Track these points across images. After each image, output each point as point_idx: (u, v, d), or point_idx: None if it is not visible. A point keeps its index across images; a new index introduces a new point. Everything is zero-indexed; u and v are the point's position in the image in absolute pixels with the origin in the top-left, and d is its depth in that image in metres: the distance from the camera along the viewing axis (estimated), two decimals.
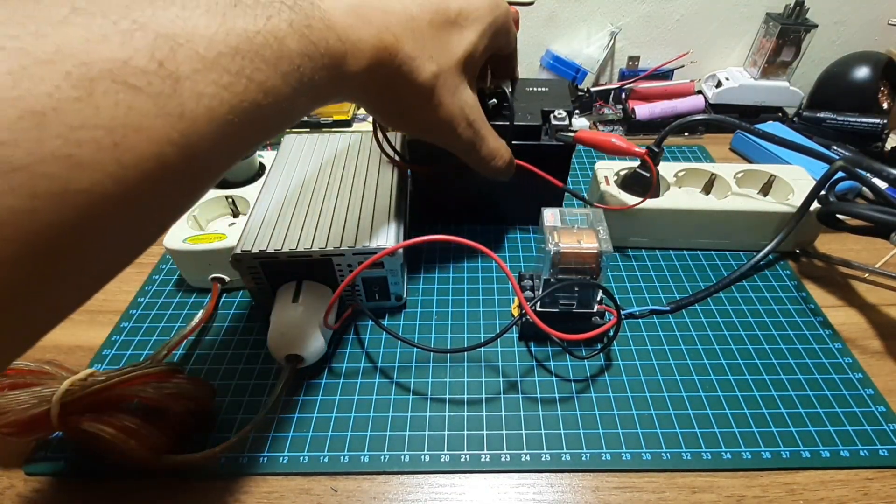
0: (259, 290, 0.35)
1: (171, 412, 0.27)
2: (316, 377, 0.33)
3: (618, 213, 0.39)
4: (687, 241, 0.42)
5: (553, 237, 0.31)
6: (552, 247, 0.30)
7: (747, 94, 0.59)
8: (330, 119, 0.56)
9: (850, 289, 0.39)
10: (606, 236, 0.31)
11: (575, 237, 0.31)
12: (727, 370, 0.33)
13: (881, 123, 0.53)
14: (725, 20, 0.62)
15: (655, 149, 0.37)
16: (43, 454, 0.29)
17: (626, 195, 0.40)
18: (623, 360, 0.34)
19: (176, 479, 0.28)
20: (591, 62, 0.62)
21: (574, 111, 0.40)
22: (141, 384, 0.27)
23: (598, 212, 0.33)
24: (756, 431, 0.30)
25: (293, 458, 0.29)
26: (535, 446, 0.29)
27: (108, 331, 0.36)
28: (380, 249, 0.32)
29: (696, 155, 0.55)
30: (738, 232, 0.41)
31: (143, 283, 0.40)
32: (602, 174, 0.42)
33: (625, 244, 0.42)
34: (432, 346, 0.35)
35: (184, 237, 0.36)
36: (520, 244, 0.43)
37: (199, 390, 0.29)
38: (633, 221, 0.40)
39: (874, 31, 0.63)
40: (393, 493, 0.27)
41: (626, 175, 0.41)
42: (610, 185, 0.41)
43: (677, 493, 0.27)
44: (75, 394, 0.26)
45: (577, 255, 0.30)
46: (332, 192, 0.37)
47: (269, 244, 0.32)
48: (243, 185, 0.41)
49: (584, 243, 0.30)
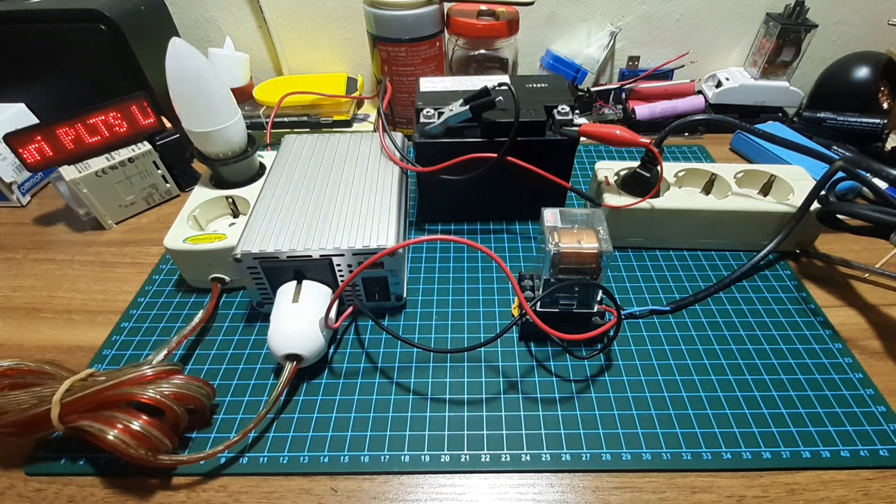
0: (259, 290, 0.35)
1: (171, 412, 0.27)
2: (316, 377, 0.33)
3: (618, 213, 0.39)
4: (687, 241, 0.42)
5: (553, 237, 0.31)
6: (552, 247, 0.30)
7: (747, 94, 0.59)
8: (330, 119, 0.56)
9: (850, 289, 0.39)
10: (606, 236, 0.31)
11: (575, 237, 0.31)
12: (727, 370, 0.33)
13: (881, 123, 0.53)
14: (725, 20, 0.62)
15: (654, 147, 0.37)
16: (43, 454, 0.29)
17: (626, 195, 0.40)
18: (623, 360, 0.34)
19: (176, 479, 0.28)
20: (592, 62, 0.62)
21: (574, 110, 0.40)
22: (140, 384, 0.27)
23: (599, 212, 0.33)
24: (756, 431, 0.30)
25: (293, 458, 0.29)
26: (535, 446, 0.29)
27: (108, 331, 0.36)
28: (380, 249, 0.32)
29: (697, 155, 0.55)
30: (739, 232, 0.41)
31: (143, 283, 0.40)
32: (602, 174, 0.42)
33: (625, 244, 0.42)
34: (432, 346, 0.35)
35: (184, 237, 0.36)
36: (520, 244, 0.43)
37: (198, 390, 0.29)
38: (634, 221, 0.40)
39: (874, 31, 0.63)
40: (393, 493, 0.27)
41: (626, 175, 0.41)
42: (610, 185, 0.41)
43: (677, 494, 0.27)
44: (75, 394, 0.26)
45: (578, 255, 0.30)
46: (332, 192, 0.37)
47: (269, 244, 0.32)
48: (243, 185, 0.41)
49: (585, 243, 0.30)
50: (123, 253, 0.44)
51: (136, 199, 0.47)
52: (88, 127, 0.43)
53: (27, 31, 0.48)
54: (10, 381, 0.28)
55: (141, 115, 0.45)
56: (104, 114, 0.44)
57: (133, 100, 0.45)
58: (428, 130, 0.39)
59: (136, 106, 0.45)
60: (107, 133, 0.44)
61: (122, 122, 0.44)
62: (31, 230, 0.47)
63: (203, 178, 0.42)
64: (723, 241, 0.42)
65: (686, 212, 0.40)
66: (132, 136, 0.45)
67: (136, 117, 0.45)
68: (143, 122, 0.46)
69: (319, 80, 0.58)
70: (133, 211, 0.48)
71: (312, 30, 0.63)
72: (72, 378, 0.27)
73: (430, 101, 0.41)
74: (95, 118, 0.43)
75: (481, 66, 0.56)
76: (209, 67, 0.36)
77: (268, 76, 0.66)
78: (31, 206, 0.50)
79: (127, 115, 0.45)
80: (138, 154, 0.46)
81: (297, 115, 0.56)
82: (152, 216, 0.48)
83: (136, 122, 0.45)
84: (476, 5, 0.53)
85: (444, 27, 0.54)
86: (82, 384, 0.27)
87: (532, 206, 0.43)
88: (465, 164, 0.39)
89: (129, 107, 0.45)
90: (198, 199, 0.40)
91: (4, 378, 0.28)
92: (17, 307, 0.39)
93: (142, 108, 0.45)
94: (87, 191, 0.43)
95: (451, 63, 0.57)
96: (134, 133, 0.45)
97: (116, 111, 0.44)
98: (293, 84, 0.57)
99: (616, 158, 0.54)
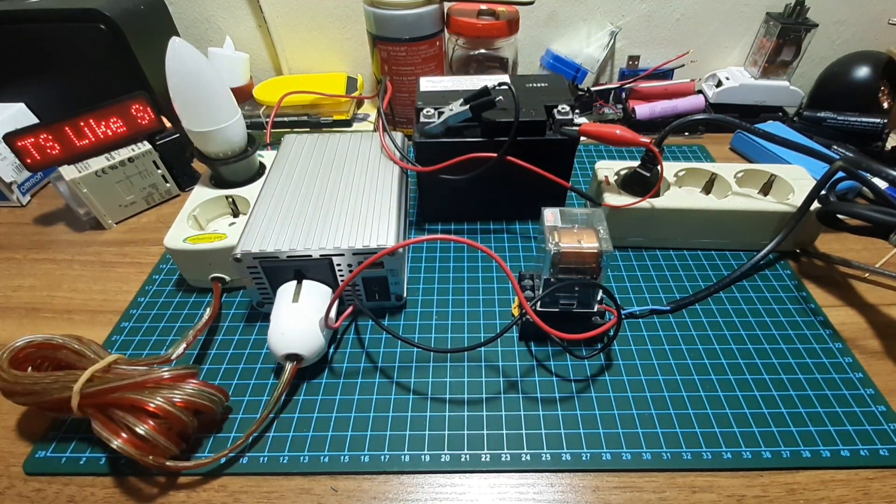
0: (259, 290, 0.35)
1: (179, 422, 0.27)
2: (316, 377, 0.33)
3: (618, 213, 0.39)
4: (687, 241, 0.42)
5: (553, 237, 0.31)
6: (552, 247, 0.30)
7: (747, 93, 0.59)
8: (330, 119, 0.56)
9: (850, 288, 0.39)
10: (607, 236, 0.31)
11: (575, 237, 0.31)
12: (727, 370, 0.33)
13: (881, 123, 0.53)
14: (725, 20, 0.62)
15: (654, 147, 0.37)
16: (44, 454, 0.29)
17: (626, 195, 0.40)
18: (623, 359, 0.34)
19: (176, 478, 0.28)
20: (592, 62, 0.62)
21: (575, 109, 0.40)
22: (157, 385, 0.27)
23: (599, 211, 0.33)
24: (756, 431, 0.30)
25: (293, 457, 0.29)
26: (535, 446, 0.29)
27: (109, 330, 0.36)
28: (380, 249, 0.32)
29: (697, 154, 0.55)
30: (739, 232, 0.41)
31: (143, 283, 0.40)
32: (602, 173, 0.42)
33: (625, 244, 0.42)
34: (432, 345, 0.35)
35: (184, 237, 0.36)
36: (520, 244, 0.43)
37: (210, 397, 0.29)
38: (634, 221, 0.40)
39: (874, 30, 0.63)
40: (393, 492, 0.27)
41: (627, 174, 0.41)
42: (610, 185, 0.41)
43: (677, 493, 0.27)
44: (95, 386, 0.27)
45: (578, 254, 0.30)
46: (332, 192, 0.37)
47: (269, 244, 0.32)
48: (243, 185, 0.41)
49: (585, 243, 0.30)
50: (123, 253, 0.44)
51: (136, 199, 0.47)
52: (88, 127, 0.43)
53: (27, 31, 0.48)
54: (41, 354, 0.29)
55: (141, 115, 0.45)
56: (104, 113, 0.44)
57: (133, 100, 0.45)
58: (428, 130, 0.39)
59: (136, 106, 0.45)
60: (107, 133, 0.44)
61: (122, 122, 0.44)
62: (31, 230, 0.47)
63: (203, 177, 0.42)
64: (723, 240, 0.42)
65: (686, 211, 0.40)
66: (132, 136, 0.45)
67: (136, 117, 0.45)
68: (143, 122, 0.46)
69: (319, 80, 0.58)
70: (133, 211, 0.48)
71: (312, 29, 0.63)
72: (93, 368, 0.27)
73: (430, 101, 0.41)
74: (95, 118, 0.43)
75: (481, 66, 0.56)
76: (209, 67, 0.36)
77: (268, 76, 0.66)
78: (31, 205, 0.50)
79: (127, 114, 0.45)
80: (138, 154, 0.46)
81: (297, 114, 0.56)
82: (152, 216, 0.48)
83: (136, 122, 0.45)
84: (476, 5, 0.53)
85: (444, 27, 0.54)
86: (102, 376, 0.27)
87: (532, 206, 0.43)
88: (465, 164, 0.39)
89: (129, 107, 0.45)
90: (198, 198, 0.40)
91: (35, 350, 0.29)
92: (17, 307, 0.39)
93: (142, 107, 0.45)
94: (87, 190, 0.43)
95: (451, 63, 0.57)
96: (134, 133, 0.45)
97: (116, 111, 0.44)
98: (293, 84, 0.57)
99: (616, 158, 0.54)
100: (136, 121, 0.45)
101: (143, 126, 0.46)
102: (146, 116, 0.46)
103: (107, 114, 0.44)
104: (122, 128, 0.45)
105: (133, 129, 0.45)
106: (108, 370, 0.28)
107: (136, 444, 0.26)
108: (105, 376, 0.27)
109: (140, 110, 0.45)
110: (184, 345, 0.31)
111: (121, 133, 0.45)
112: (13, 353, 0.28)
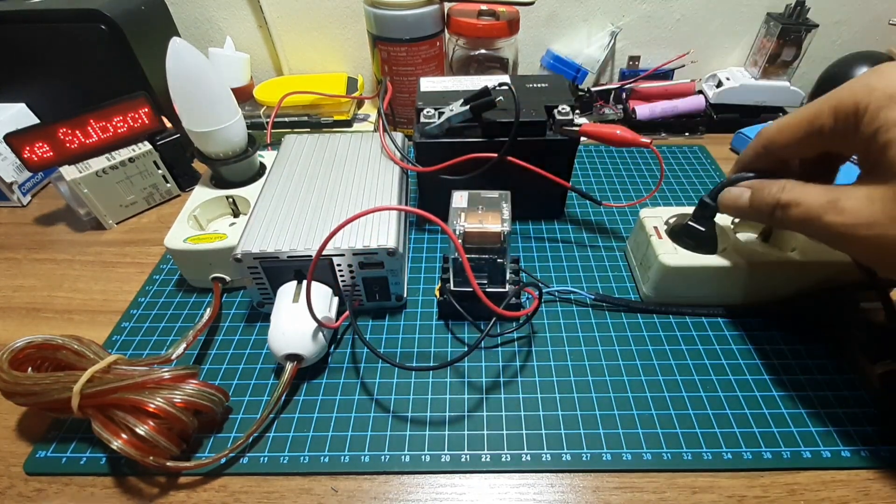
0: (259, 290, 0.35)
1: (179, 422, 0.27)
2: (316, 377, 0.33)
3: (674, 270, 0.34)
4: (748, 298, 0.36)
5: (460, 218, 0.32)
6: (458, 227, 0.31)
7: (748, 93, 0.59)
8: (330, 119, 0.56)
9: None
10: (508, 216, 0.32)
11: (478, 218, 0.32)
12: (727, 370, 0.33)
13: None
14: (726, 20, 0.62)
15: (710, 201, 0.33)
16: (44, 454, 0.29)
17: (682, 251, 0.35)
18: (624, 360, 0.34)
19: (176, 479, 0.28)
20: (592, 62, 0.62)
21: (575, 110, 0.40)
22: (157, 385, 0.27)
23: (506, 193, 0.34)
24: (757, 431, 0.30)
25: (294, 457, 0.29)
26: (535, 446, 0.29)
27: (109, 330, 0.36)
28: (380, 250, 0.32)
29: (697, 155, 0.55)
30: (808, 281, 0.35)
31: (143, 283, 0.40)
32: (650, 223, 0.37)
33: (674, 300, 0.36)
34: (433, 345, 0.35)
35: (184, 237, 0.36)
36: (520, 244, 0.43)
37: (210, 397, 0.28)
38: (688, 279, 0.35)
39: (875, 31, 0.63)
40: (393, 493, 0.27)
41: (676, 225, 0.37)
42: (663, 239, 0.36)
43: (678, 494, 0.27)
44: (94, 386, 0.27)
45: (481, 234, 0.31)
46: (332, 191, 0.37)
47: (269, 244, 0.32)
48: (243, 185, 0.41)
49: (487, 224, 0.31)
50: (124, 253, 0.44)
51: (136, 199, 0.47)
52: (89, 127, 0.43)
53: (27, 31, 0.48)
54: (41, 354, 0.29)
55: (141, 115, 0.45)
56: (104, 114, 0.44)
57: (133, 100, 0.45)
58: (428, 130, 0.39)
59: (136, 106, 0.45)
60: (107, 133, 0.44)
61: (122, 122, 0.44)
62: (32, 230, 0.47)
63: (203, 177, 0.42)
64: (788, 291, 0.35)
65: (758, 265, 0.34)
66: (132, 136, 0.45)
67: (136, 117, 0.45)
68: (144, 122, 0.46)
69: (319, 80, 0.58)
70: (133, 211, 0.48)
71: (312, 30, 0.63)
72: (93, 368, 0.27)
73: (430, 101, 0.41)
74: (96, 118, 0.43)
75: (481, 66, 0.56)
76: (209, 67, 0.36)
77: (268, 76, 0.66)
78: (32, 206, 0.50)
79: (127, 114, 0.45)
80: (139, 154, 0.46)
81: (297, 114, 0.56)
82: (153, 216, 0.48)
83: (136, 122, 0.45)
84: (476, 5, 0.53)
85: (444, 27, 0.54)
86: (102, 377, 0.27)
87: (532, 206, 0.43)
88: (466, 165, 0.39)
89: (130, 107, 0.45)
90: (198, 198, 0.40)
91: (35, 350, 0.29)
92: (17, 307, 0.39)
93: (142, 107, 0.45)
94: (87, 191, 0.43)
95: (452, 63, 0.57)
96: (134, 133, 0.45)
97: (117, 111, 0.44)
98: (293, 84, 0.57)
99: (660, 203, 0.47)
100: (137, 121, 0.45)
101: (143, 126, 0.46)
102: (147, 117, 0.46)
103: (107, 114, 0.44)
104: (122, 128, 0.45)
105: (133, 129, 0.45)
106: (109, 371, 0.28)
107: (136, 445, 0.26)
108: (105, 377, 0.27)
109: (140, 110, 0.45)
110: (184, 345, 0.31)
111: (121, 133, 0.45)
112: (13, 354, 0.28)
